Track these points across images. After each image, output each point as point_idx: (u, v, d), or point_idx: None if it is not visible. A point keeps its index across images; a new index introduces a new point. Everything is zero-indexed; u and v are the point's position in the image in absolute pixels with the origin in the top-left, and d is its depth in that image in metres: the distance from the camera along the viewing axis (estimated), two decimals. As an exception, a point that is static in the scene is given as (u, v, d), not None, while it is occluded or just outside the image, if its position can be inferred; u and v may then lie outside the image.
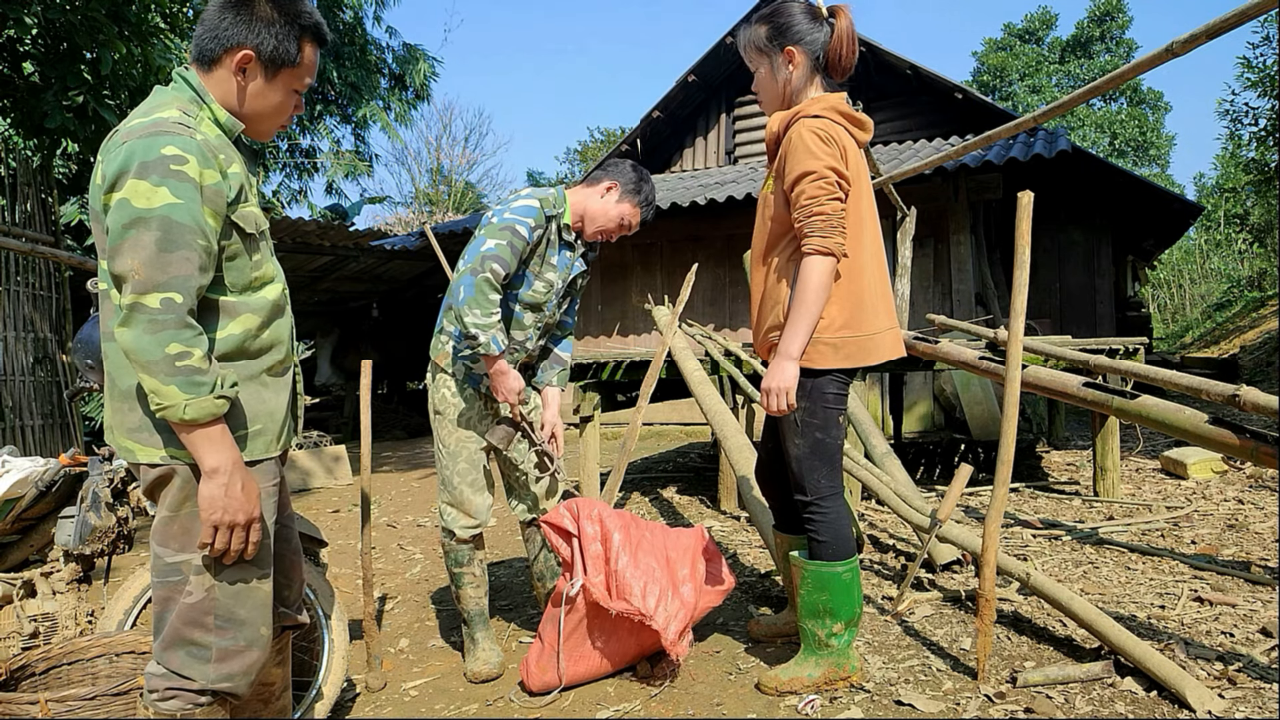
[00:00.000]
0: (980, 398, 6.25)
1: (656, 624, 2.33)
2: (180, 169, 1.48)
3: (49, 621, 2.41)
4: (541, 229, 2.53)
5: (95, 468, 2.45)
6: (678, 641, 2.36)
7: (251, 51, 1.61)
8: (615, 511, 2.55)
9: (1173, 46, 2.56)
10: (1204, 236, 24.39)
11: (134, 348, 1.45)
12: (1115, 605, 2.80)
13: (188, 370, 1.46)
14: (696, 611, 2.48)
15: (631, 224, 2.68)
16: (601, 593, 2.37)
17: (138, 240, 1.45)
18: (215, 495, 1.51)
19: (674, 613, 2.37)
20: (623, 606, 2.33)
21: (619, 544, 2.44)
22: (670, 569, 2.48)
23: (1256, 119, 11.64)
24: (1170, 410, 2.57)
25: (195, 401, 1.47)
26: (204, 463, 1.51)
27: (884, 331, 2.24)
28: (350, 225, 13.80)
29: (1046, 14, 30.74)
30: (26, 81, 5.93)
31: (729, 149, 11.41)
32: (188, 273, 1.48)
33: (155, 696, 1.59)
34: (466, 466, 2.66)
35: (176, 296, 1.46)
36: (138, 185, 1.45)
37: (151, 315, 1.44)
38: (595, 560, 2.43)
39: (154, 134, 1.49)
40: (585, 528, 2.47)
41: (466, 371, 2.65)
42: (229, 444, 1.53)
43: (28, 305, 6.44)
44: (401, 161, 33.01)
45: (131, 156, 1.46)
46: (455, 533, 2.68)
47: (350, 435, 9.92)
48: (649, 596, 2.36)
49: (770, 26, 2.26)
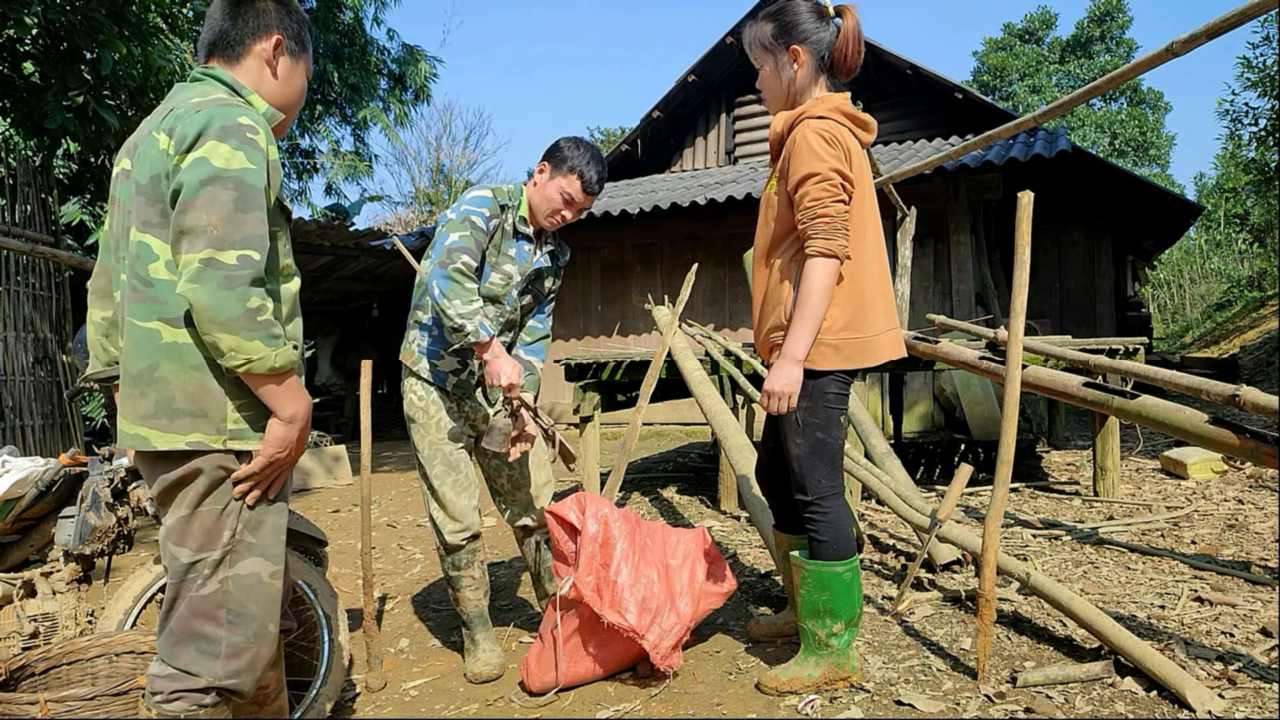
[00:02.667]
0: (980, 398, 6.25)
1: (647, 643, 2.33)
2: (254, 138, 1.52)
3: (49, 621, 2.41)
4: (497, 218, 2.54)
5: (95, 468, 2.44)
6: (669, 656, 2.37)
7: (281, 35, 1.68)
8: (621, 514, 2.53)
9: (1173, 46, 2.56)
10: (1204, 236, 24.39)
11: (210, 304, 1.44)
12: (1115, 605, 2.80)
13: (267, 324, 1.49)
14: (695, 617, 2.49)
15: (574, 195, 2.57)
16: (592, 595, 2.35)
17: (214, 196, 1.46)
18: (288, 437, 1.58)
19: (668, 628, 2.37)
20: (615, 619, 2.32)
21: (621, 554, 2.42)
22: (668, 580, 2.47)
23: (1256, 119, 11.65)
24: (1170, 410, 2.57)
25: (282, 351, 1.51)
26: (284, 411, 1.56)
27: (884, 333, 2.23)
28: (350, 225, 13.81)
29: (1046, 14, 30.74)
30: (26, 81, 5.93)
31: (729, 149, 11.42)
32: (262, 233, 1.51)
33: (159, 698, 1.56)
34: (443, 469, 2.60)
35: (254, 253, 1.48)
36: (218, 146, 1.48)
37: (229, 271, 1.45)
38: (589, 561, 2.41)
39: (228, 105, 1.53)
40: (588, 526, 2.46)
41: (432, 369, 2.59)
42: (304, 393, 1.60)
43: (28, 305, 6.44)
44: (401, 162, 32.94)
45: (212, 120, 1.50)
46: (446, 539, 2.64)
47: (350, 435, 9.92)
48: (644, 614, 2.35)
49: (776, 24, 2.26)
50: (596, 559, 2.42)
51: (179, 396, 1.52)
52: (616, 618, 2.32)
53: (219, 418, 1.54)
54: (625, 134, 14.34)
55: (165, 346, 1.53)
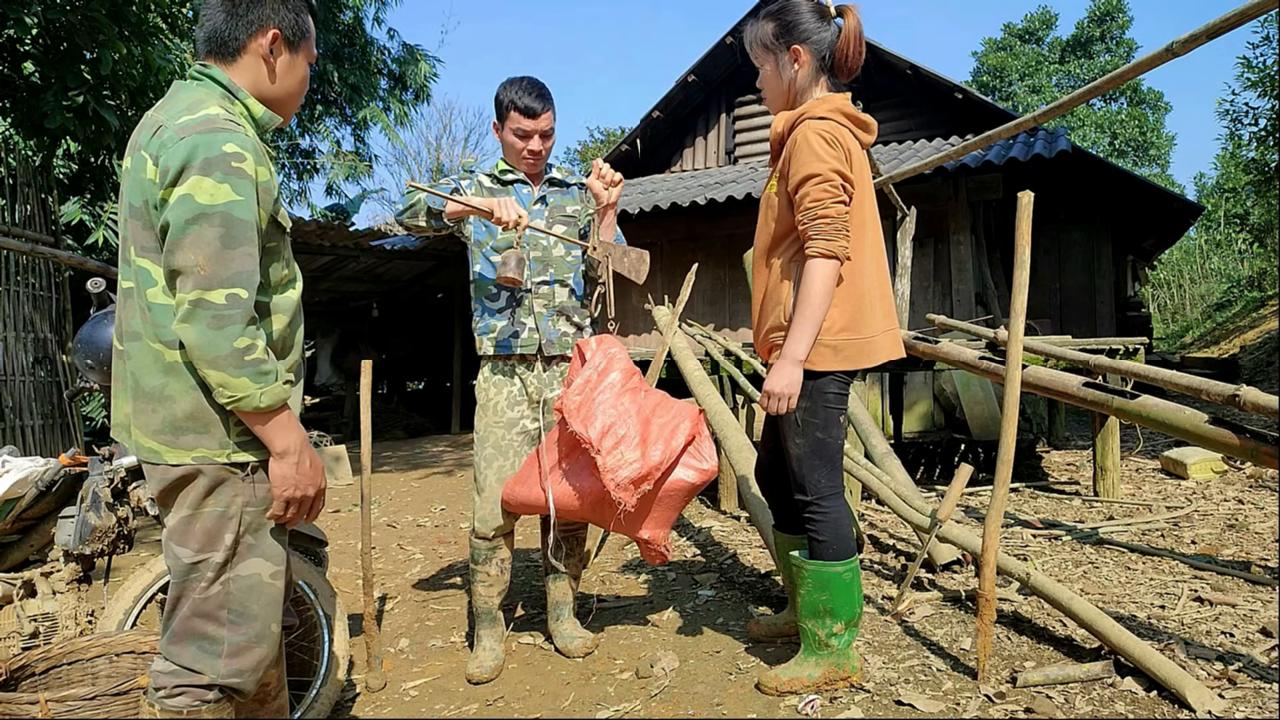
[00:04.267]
0: (980, 398, 6.24)
1: (602, 462, 2.30)
2: (240, 166, 1.50)
3: (49, 621, 2.41)
4: (467, 179, 2.72)
5: (95, 468, 2.44)
6: (624, 489, 2.29)
7: (277, 29, 1.65)
8: (629, 362, 2.54)
9: (1173, 46, 2.56)
10: (1204, 236, 24.39)
11: (199, 343, 1.47)
12: (1115, 605, 2.80)
13: (255, 362, 1.50)
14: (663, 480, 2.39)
15: (523, 126, 2.61)
16: (571, 410, 2.37)
17: (200, 235, 1.46)
18: (288, 474, 1.59)
19: (629, 460, 2.32)
20: (579, 429, 2.33)
21: (609, 384, 2.43)
22: (645, 426, 2.42)
23: (1256, 119, 11.64)
24: (1170, 410, 2.57)
25: (269, 389, 1.51)
26: (275, 445, 1.57)
27: (883, 333, 2.24)
28: (350, 225, 13.80)
29: (1046, 14, 30.73)
30: (26, 81, 5.92)
31: (729, 149, 11.41)
32: (250, 269, 1.51)
33: (162, 694, 1.58)
34: (492, 452, 2.65)
35: (241, 292, 1.48)
36: (202, 181, 1.47)
37: (217, 311, 1.46)
38: (583, 384, 2.43)
39: (213, 130, 1.50)
40: (596, 357, 2.48)
41: (494, 344, 2.67)
42: (296, 426, 1.60)
43: (28, 305, 6.43)
44: (401, 162, 32.95)
45: (195, 152, 1.47)
46: (475, 526, 2.68)
47: (350, 435, 9.92)
48: (608, 436, 2.34)
49: (777, 24, 2.26)
50: (590, 383, 2.43)
51: (183, 414, 1.55)
52: (580, 428, 2.33)
53: (221, 434, 1.57)
54: (625, 134, 14.33)
55: (170, 365, 1.55)
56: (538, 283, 2.68)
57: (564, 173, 2.80)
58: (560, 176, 2.78)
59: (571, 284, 2.73)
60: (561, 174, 2.79)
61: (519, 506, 2.53)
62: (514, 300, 2.67)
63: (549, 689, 2.53)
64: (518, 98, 2.61)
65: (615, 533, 2.64)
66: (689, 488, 2.43)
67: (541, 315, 2.68)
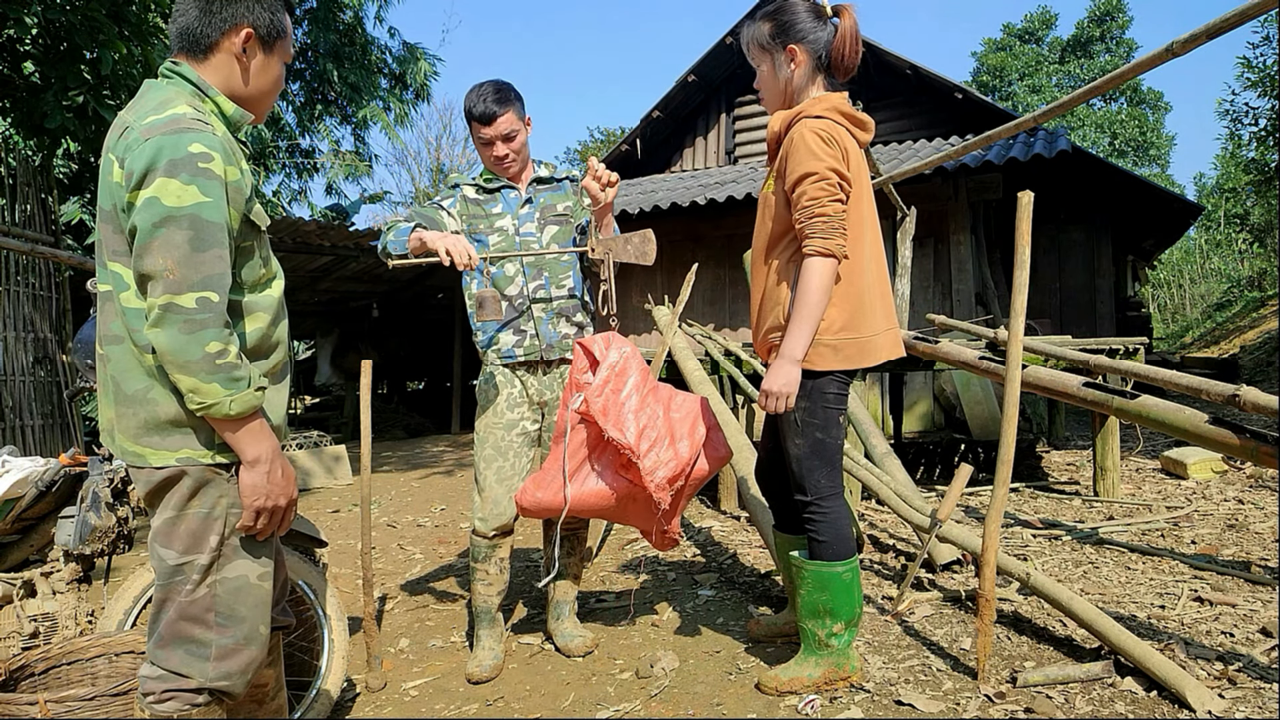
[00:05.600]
0: (980, 398, 6.24)
1: (643, 465, 2.31)
2: (207, 166, 1.47)
3: (49, 621, 2.41)
4: (450, 197, 2.72)
5: (95, 468, 2.44)
6: (663, 489, 2.32)
7: (251, 29, 1.60)
8: (642, 361, 2.55)
9: (1173, 46, 2.56)
10: (1204, 236, 24.39)
11: (170, 348, 1.44)
12: (1115, 605, 2.80)
13: (227, 367, 1.47)
14: (693, 465, 2.44)
15: (486, 134, 2.60)
16: (599, 413, 2.35)
17: (169, 239, 1.43)
18: (258, 483, 1.56)
19: (664, 460, 2.36)
20: (616, 435, 2.33)
21: (632, 385, 2.43)
22: (670, 423, 2.46)
23: (1256, 119, 11.65)
24: (1170, 410, 2.57)
25: (239, 396, 1.49)
26: (246, 454, 1.54)
27: (883, 332, 2.23)
28: (350, 225, 13.80)
29: (1046, 14, 30.73)
30: (26, 81, 5.93)
31: (729, 149, 11.41)
32: (221, 271, 1.48)
33: (151, 699, 1.57)
34: (492, 452, 2.67)
35: (213, 295, 1.46)
36: (168, 184, 1.43)
37: (188, 315, 1.43)
38: (603, 384, 2.42)
39: (179, 131, 1.46)
40: (610, 355, 2.47)
41: (497, 352, 2.70)
42: (268, 434, 1.57)
43: (28, 305, 6.43)
44: (401, 161, 33.00)
45: (159, 154, 1.44)
46: (475, 525, 2.69)
47: (350, 435, 9.91)
48: (644, 440, 2.35)
49: (774, 24, 2.26)
50: (610, 384, 2.42)
51: (166, 416, 1.53)
52: (618, 434, 2.33)
53: (206, 434, 1.55)
54: (625, 134, 14.33)
55: (151, 369, 1.53)
56: (535, 288, 2.69)
57: (550, 168, 2.79)
58: (546, 174, 2.76)
59: (570, 285, 2.73)
60: (548, 170, 2.78)
61: (537, 510, 2.48)
62: (513, 311, 2.70)
63: (549, 689, 2.53)
64: (473, 106, 2.60)
65: (629, 526, 2.63)
66: (707, 475, 2.51)
67: (541, 320, 2.69)
